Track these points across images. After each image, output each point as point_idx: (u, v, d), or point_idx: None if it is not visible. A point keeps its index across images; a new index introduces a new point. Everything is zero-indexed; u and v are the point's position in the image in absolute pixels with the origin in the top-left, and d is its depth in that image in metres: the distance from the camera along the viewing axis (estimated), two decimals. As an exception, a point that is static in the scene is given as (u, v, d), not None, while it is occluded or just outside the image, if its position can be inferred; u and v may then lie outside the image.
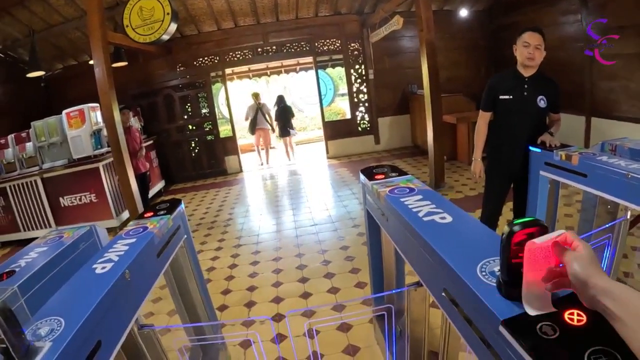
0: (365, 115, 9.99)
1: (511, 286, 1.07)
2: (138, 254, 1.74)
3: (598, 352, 0.85)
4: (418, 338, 1.95)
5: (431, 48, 6.13)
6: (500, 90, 3.39)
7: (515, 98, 3.33)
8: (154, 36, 5.52)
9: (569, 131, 7.39)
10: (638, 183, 2.21)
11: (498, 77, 3.55)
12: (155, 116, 9.11)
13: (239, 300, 3.82)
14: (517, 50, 3.27)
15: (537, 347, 0.90)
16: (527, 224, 1.01)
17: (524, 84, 3.28)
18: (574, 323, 0.95)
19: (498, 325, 1.01)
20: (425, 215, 1.71)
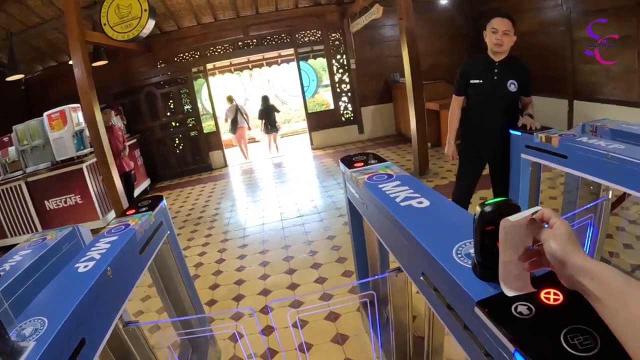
0: (349, 105, 9.99)
1: (485, 267, 1.08)
2: (120, 251, 1.74)
3: (574, 331, 0.85)
4: (402, 324, 1.97)
5: (412, 36, 6.13)
6: (472, 75, 3.46)
7: (486, 82, 3.39)
8: (132, 33, 5.47)
9: (552, 115, 7.50)
10: (618, 163, 2.21)
11: (469, 62, 3.64)
12: (137, 114, 9.05)
13: (227, 294, 3.83)
14: (487, 37, 3.32)
15: (512, 327, 0.91)
16: (498, 204, 1.01)
17: (494, 68, 3.34)
18: (550, 302, 0.95)
19: (473, 306, 1.02)
20: (402, 201, 1.72)
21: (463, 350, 1.15)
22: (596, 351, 0.81)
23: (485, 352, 1.00)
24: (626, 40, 6.07)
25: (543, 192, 4.88)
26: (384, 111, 10.06)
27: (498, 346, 0.93)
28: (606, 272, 0.75)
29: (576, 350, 0.81)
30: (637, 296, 0.69)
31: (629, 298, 0.70)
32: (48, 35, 7.65)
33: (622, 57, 6.25)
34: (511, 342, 0.87)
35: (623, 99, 6.39)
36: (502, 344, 0.91)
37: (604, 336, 0.83)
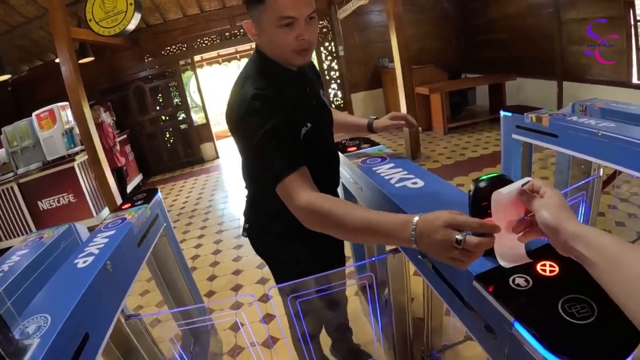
0: (338, 92, 9.99)
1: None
2: (118, 245, 1.75)
3: (571, 300, 0.88)
4: (401, 305, 1.99)
5: (399, 21, 6.13)
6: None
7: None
8: (119, 28, 5.43)
9: (541, 96, 7.58)
10: (609, 140, 2.23)
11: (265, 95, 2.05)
12: (127, 110, 9.00)
13: (226, 285, 3.86)
14: (270, 34, 2.04)
15: (511, 299, 0.93)
16: (492, 179, 1.02)
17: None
18: (546, 274, 0.98)
19: (472, 280, 1.04)
20: (397, 182, 1.73)
21: (463, 325, 1.17)
22: (593, 318, 0.84)
23: (486, 325, 1.03)
24: (614, 22, 6.11)
25: (535, 173, 4.91)
26: (374, 97, 10.05)
27: (498, 318, 0.95)
28: (602, 238, 0.76)
29: (574, 319, 0.84)
30: (631, 257, 0.70)
31: (623, 260, 0.71)
32: (33, 35, 7.57)
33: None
34: (510, 314, 0.90)
35: (612, 79, 6.43)
36: (501, 316, 0.93)
37: (600, 304, 0.86)
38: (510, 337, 0.91)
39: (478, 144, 7.14)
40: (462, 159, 6.55)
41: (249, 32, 1.47)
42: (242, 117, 1.39)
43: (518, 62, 8.38)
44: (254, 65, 1.53)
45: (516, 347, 0.90)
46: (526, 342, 0.85)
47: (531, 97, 7.91)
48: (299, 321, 1.70)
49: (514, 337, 0.90)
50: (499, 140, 6.89)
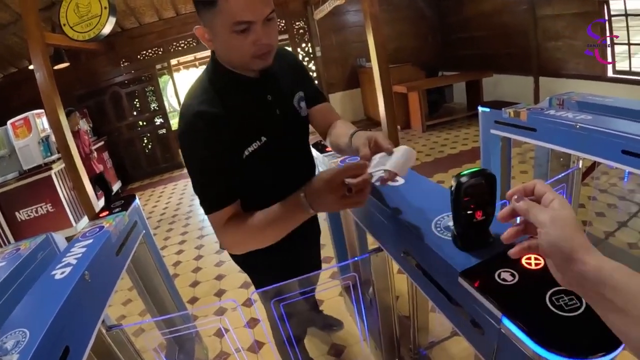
0: (318, 93, 9.94)
1: (466, 238, 1.10)
2: (96, 254, 1.71)
3: (559, 293, 0.87)
4: (386, 304, 1.98)
5: (376, 21, 6.12)
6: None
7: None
8: (93, 32, 5.35)
9: (518, 92, 7.68)
10: (587, 133, 2.26)
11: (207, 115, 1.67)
12: (103, 116, 8.86)
13: (209, 290, 3.81)
14: (225, 40, 1.69)
15: (497, 294, 0.92)
16: (473, 174, 1.01)
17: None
18: (532, 267, 0.97)
19: (457, 277, 1.03)
20: (377, 181, 1.70)
21: (450, 322, 1.16)
22: (582, 310, 0.83)
23: (473, 322, 1.01)
24: (589, 16, 6.22)
25: (514, 167, 4.95)
26: (352, 97, 10.10)
27: (485, 314, 0.94)
28: (632, 279, 0.60)
29: (562, 311, 0.83)
30: None
31: None
32: (6, 41, 7.43)
33: (584, 33, 6.39)
34: (498, 309, 0.89)
35: (587, 74, 6.55)
36: (489, 312, 0.92)
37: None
38: (499, 333, 0.90)
39: (457, 140, 7.20)
40: (441, 156, 6.59)
41: (201, 38, 1.34)
42: (181, 135, 1.35)
43: (494, 58, 8.48)
44: (207, 74, 1.44)
45: (505, 342, 0.89)
46: (515, 336, 0.84)
47: (508, 93, 7.99)
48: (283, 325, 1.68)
49: (502, 332, 0.89)
50: (477, 137, 6.95)
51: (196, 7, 1.28)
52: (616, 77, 6.23)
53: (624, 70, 6.16)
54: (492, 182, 1.03)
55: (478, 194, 1.03)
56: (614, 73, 6.28)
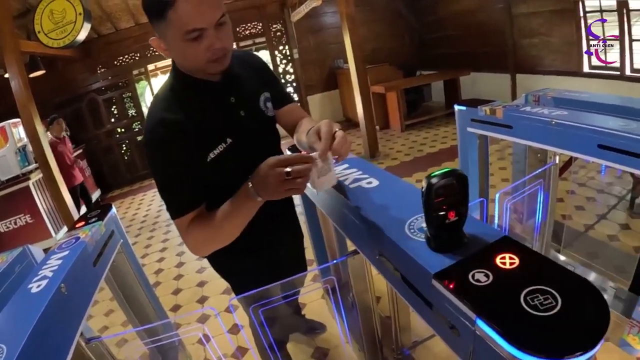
0: (295, 95, 9.95)
1: (439, 239, 1.09)
2: (72, 266, 1.67)
3: (534, 292, 0.86)
4: (367, 306, 1.98)
5: (352, 22, 6.15)
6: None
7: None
8: (68, 39, 5.26)
9: (495, 89, 7.78)
10: (563, 128, 2.27)
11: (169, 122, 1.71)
12: (81, 124, 8.72)
13: (191, 297, 3.78)
14: (180, 49, 1.55)
15: (472, 296, 0.91)
16: (445, 175, 1.01)
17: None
18: (506, 266, 0.96)
19: (431, 279, 1.02)
20: (352, 183, 1.71)
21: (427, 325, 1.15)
22: (557, 309, 0.82)
23: (448, 323, 1.01)
24: (564, 13, 6.33)
25: (493, 164, 5.00)
26: (330, 98, 10.13)
27: (460, 316, 0.93)
28: None
29: (537, 311, 0.82)
30: None
31: None
32: (-21, 50, 7.33)
33: (560, 30, 6.50)
34: (472, 310, 0.88)
35: (563, 69, 6.66)
36: (463, 313, 0.91)
37: (564, 293, 0.85)
38: (474, 334, 0.89)
39: (436, 139, 7.25)
40: (420, 154, 6.63)
41: (157, 49, 1.34)
42: (145, 144, 1.35)
43: (471, 57, 8.57)
44: (168, 82, 1.44)
45: (481, 344, 0.87)
46: (490, 338, 0.83)
47: (486, 90, 8.07)
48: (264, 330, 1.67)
49: (477, 334, 0.88)
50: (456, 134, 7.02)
51: (149, 20, 1.28)
52: (592, 72, 6.33)
53: (600, 65, 6.24)
54: (464, 182, 1.02)
55: (450, 195, 1.02)
56: (590, 68, 6.38)
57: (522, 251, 1.00)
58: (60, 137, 6.15)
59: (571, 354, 0.74)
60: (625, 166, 2.05)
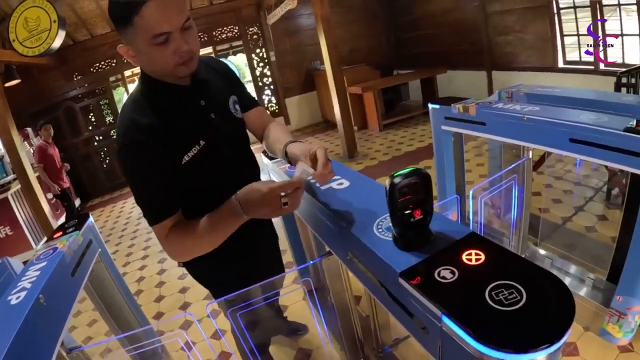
0: (272, 98, 10.01)
1: (405, 238, 1.11)
2: (50, 277, 1.66)
3: (499, 287, 0.87)
4: (344, 306, 2.00)
5: (327, 23, 6.17)
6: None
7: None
8: (43, 47, 5.19)
9: (472, 86, 7.88)
10: (534, 124, 2.32)
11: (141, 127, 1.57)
12: (58, 132, 8.38)
13: (174, 304, 3.77)
14: (148, 54, 1.48)
15: (437, 293, 0.92)
16: (407, 175, 1.03)
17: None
18: (472, 263, 0.98)
19: (397, 277, 1.03)
20: (323, 184, 1.72)
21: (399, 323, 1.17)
22: (522, 303, 0.83)
23: (418, 321, 1.02)
24: (538, 10, 6.45)
25: (470, 161, 5.05)
26: (308, 100, 10.17)
27: (427, 313, 0.95)
28: None
29: (502, 305, 0.84)
30: None
31: None
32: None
33: (534, 26, 6.61)
34: (438, 307, 0.89)
35: (538, 65, 6.78)
36: (430, 311, 0.93)
37: (529, 287, 0.86)
38: (441, 331, 0.90)
39: (414, 137, 7.33)
40: (398, 154, 6.70)
41: (125, 56, 1.36)
42: (119, 151, 1.38)
43: (448, 55, 8.66)
44: (138, 89, 1.46)
45: (448, 340, 0.89)
46: (456, 334, 0.85)
47: (462, 88, 8.16)
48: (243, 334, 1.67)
49: (444, 330, 0.89)
50: (434, 133, 7.11)
51: (115, 27, 1.31)
52: (566, 68, 6.47)
53: (574, 61, 6.36)
54: (427, 181, 1.05)
55: (414, 193, 1.05)
56: (564, 63, 6.50)
57: (488, 247, 1.02)
58: (49, 141, 6.16)
59: (536, 348, 0.75)
60: (598, 159, 2.10)
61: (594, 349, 2.31)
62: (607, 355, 2.26)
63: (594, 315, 2.33)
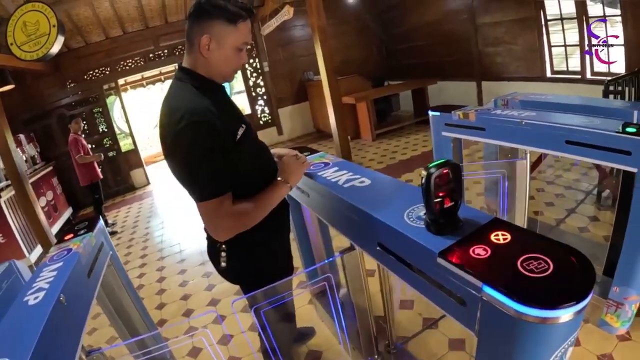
0: (265, 108, 10.07)
1: (439, 223, 1.21)
2: (69, 277, 1.66)
3: (528, 259, 1.01)
4: (362, 304, 2.05)
5: (324, 34, 6.24)
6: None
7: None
8: (42, 52, 5.16)
9: (462, 96, 8.01)
10: (532, 128, 2.44)
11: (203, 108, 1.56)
12: (50, 140, 8.49)
13: (176, 311, 3.76)
14: (230, 56, 1.61)
15: (475, 267, 1.03)
16: (441, 165, 1.15)
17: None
18: (500, 241, 1.10)
19: (435, 258, 1.13)
20: (345, 183, 1.84)
21: (433, 303, 1.25)
22: (550, 271, 0.97)
23: (454, 297, 1.12)
24: (527, 22, 6.61)
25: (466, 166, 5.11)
26: (301, 110, 10.26)
27: (466, 286, 1.05)
28: None
29: (534, 273, 0.97)
30: None
31: None
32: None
33: (523, 37, 6.76)
34: (478, 278, 0.99)
35: (527, 75, 6.93)
36: (469, 283, 1.03)
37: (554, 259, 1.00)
38: (481, 301, 1.01)
39: (407, 146, 7.44)
40: (393, 162, 6.80)
41: (202, 46, 1.52)
42: (181, 130, 1.44)
43: (438, 66, 8.80)
44: (188, 83, 1.59)
45: (487, 309, 1.00)
46: (496, 300, 0.96)
47: (453, 98, 8.27)
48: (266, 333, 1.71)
49: (484, 299, 1.00)
50: (426, 142, 7.22)
51: (210, 20, 1.51)
52: (554, 77, 6.61)
53: (562, 70, 6.51)
54: (458, 172, 1.17)
55: (446, 183, 1.16)
56: (552, 73, 6.64)
57: (512, 229, 1.14)
58: (78, 134, 6.31)
59: (565, 304, 0.90)
60: (593, 159, 2.24)
61: (594, 339, 2.39)
62: (607, 345, 2.36)
63: (592, 308, 2.42)
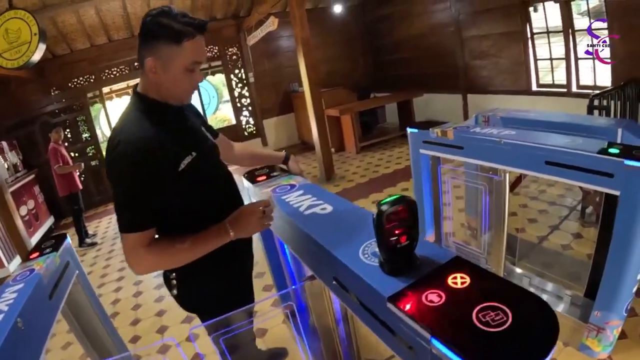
0: (250, 119, 10.05)
1: (391, 263, 1.14)
2: (27, 300, 1.63)
3: (485, 309, 0.91)
4: (327, 330, 2.00)
5: (307, 45, 6.22)
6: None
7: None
8: (23, 60, 5.09)
9: (448, 109, 8.04)
10: (510, 147, 2.39)
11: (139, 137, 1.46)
12: (33, 147, 8.33)
13: (151, 328, 3.69)
14: (179, 77, 1.50)
15: (426, 316, 0.95)
16: (394, 202, 1.07)
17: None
18: (457, 286, 1.01)
19: (385, 302, 1.05)
20: (306, 209, 1.77)
21: (387, 346, 1.18)
22: (508, 324, 0.87)
23: (405, 344, 1.04)
24: (512, 35, 6.64)
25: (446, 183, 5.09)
26: (286, 121, 10.22)
27: (415, 336, 0.97)
28: None
29: (489, 327, 0.87)
30: None
31: None
32: None
33: (509, 51, 6.78)
34: (426, 330, 0.91)
35: (512, 89, 6.95)
36: (418, 333, 0.95)
37: (514, 308, 0.90)
38: (431, 354, 0.93)
39: (390, 160, 7.39)
40: (376, 175, 6.74)
41: (148, 70, 1.46)
42: (116, 157, 1.41)
43: (424, 78, 8.80)
44: (134, 106, 1.54)
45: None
46: (445, 356, 0.87)
47: (439, 111, 8.29)
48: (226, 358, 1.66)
49: (433, 352, 0.91)
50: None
51: (154, 41, 1.44)
52: (540, 90, 6.65)
53: (547, 84, 6.54)
54: (413, 208, 1.09)
55: (400, 220, 1.09)
56: (538, 86, 6.67)
57: (473, 270, 1.06)
58: (59, 143, 6.16)
59: None
60: (573, 180, 2.20)
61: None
62: (588, 369, 2.30)
63: (572, 331, 2.37)
